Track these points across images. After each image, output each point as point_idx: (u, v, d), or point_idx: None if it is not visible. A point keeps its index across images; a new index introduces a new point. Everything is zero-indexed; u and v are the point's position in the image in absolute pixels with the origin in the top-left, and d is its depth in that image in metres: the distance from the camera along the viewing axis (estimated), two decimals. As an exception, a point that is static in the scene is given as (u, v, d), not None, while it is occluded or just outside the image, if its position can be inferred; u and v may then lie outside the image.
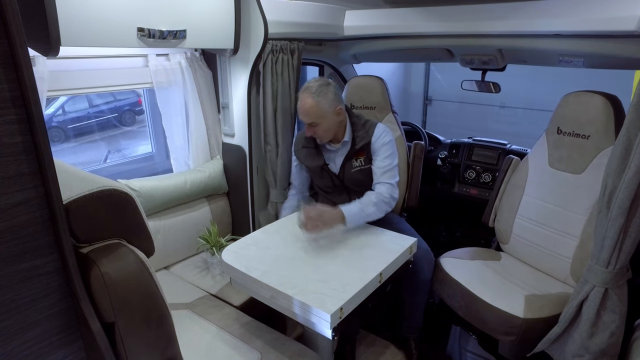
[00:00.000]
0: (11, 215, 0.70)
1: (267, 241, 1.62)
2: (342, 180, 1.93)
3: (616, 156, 1.25)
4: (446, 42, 2.09)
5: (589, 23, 1.58)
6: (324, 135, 1.85)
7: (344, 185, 1.94)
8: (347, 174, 1.91)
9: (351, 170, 1.90)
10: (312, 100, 1.76)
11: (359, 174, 1.89)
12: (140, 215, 0.93)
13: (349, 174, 1.90)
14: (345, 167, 1.91)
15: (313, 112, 1.77)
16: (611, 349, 1.38)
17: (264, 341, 1.55)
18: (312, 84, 1.80)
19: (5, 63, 0.66)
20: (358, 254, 1.53)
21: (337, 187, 1.95)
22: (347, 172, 1.91)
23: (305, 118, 1.80)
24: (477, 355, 1.98)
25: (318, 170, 1.95)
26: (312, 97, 1.77)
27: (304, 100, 1.78)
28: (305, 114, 1.79)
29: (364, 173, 1.90)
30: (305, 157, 1.97)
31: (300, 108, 1.80)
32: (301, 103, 1.79)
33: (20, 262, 0.72)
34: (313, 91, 1.77)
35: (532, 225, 1.87)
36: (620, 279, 1.34)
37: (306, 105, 1.77)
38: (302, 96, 1.80)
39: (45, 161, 0.72)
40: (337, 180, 1.93)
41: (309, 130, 1.84)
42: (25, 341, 0.75)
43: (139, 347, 0.85)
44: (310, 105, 1.76)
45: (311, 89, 1.78)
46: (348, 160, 1.90)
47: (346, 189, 1.94)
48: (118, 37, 1.48)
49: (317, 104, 1.76)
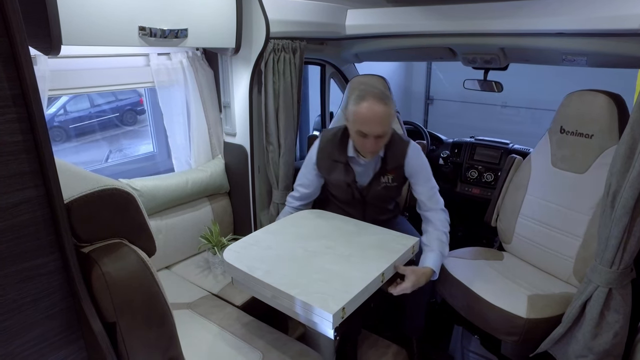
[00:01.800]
0: (12, 214, 0.70)
1: (268, 241, 1.61)
2: (364, 196, 1.82)
3: (620, 155, 1.24)
4: (448, 41, 2.08)
5: (592, 21, 1.58)
6: (381, 149, 1.64)
7: (364, 200, 1.84)
8: (373, 190, 1.79)
9: (377, 188, 1.78)
10: (384, 106, 1.50)
11: (384, 190, 1.78)
12: (142, 214, 0.92)
13: (375, 191, 1.78)
14: (372, 183, 1.78)
15: (386, 121, 1.52)
16: (615, 349, 1.37)
17: (265, 341, 1.55)
18: (372, 90, 1.54)
19: (6, 61, 0.65)
20: (360, 253, 1.52)
21: (356, 200, 1.85)
22: (374, 188, 1.78)
23: (376, 128, 1.52)
24: (480, 355, 1.97)
25: (343, 185, 1.80)
26: (383, 102, 1.51)
27: (373, 107, 1.50)
28: (378, 123, 1.52)
29: (389, 190, 1.79)
30: (332, 170, 1.79)
31: (368, 117, 1.51)
32: (369, 111, 1.51)
33: (22, 261, 0.72)
34: (381, 95, 1.52)
35: (535, 225, 1.86)
36: (624, 279, 1.33)
37: (379, 113, 1.50)
38: (367, 103, 1.52)
39: (46, 160, 0.71)
40: (358, 194, 1.81)
41: (374, 145, 1.57)
42: (26, 341, 0.75)
43: (140, 347, 0.85)
44: (384, 113, 1.50)
45: (377, 93, 1.53)
46: (377, 177, 1.76)
47: (364, 202, 1.85)
48: (119, 36, 1.48)
49: (389, 110, 1.52)
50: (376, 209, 1.82)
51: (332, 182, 1.85)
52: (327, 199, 1.99)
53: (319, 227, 1.71)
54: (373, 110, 1.51)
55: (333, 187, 1.88)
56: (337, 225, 1.73)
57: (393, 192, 1.82)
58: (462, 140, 2.63)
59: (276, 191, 2.20)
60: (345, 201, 1.89)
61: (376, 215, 1.88)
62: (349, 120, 1.62)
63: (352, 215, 1.84)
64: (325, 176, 1.85)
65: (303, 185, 1.93)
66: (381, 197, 1.82)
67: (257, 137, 2.13)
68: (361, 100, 1.54)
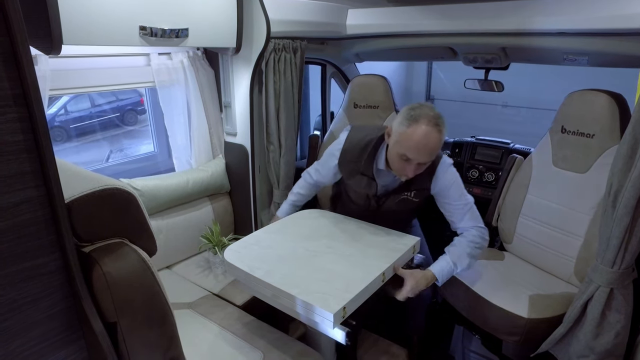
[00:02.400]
0: (13, 214, 0.69)
1: (269, 240, 1.61)
2: (380, 206, 1.73)
3: (622, 155, 1.24)
4: (449, 40, 2.08)
5: (594, 21, 1.58)
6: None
7: (378, 209, 1.75)
8: (390, 202, 1.70)
9: (395, 201, 1.68)
10: (438, 134, 1.38)
11: (402, 203, 1.68)
12: (143, 214, 0.92)
13: (391, 202, 1.70)
14: (391, 195, 1.69)
15: (437, 150, 1.42)
16: (617, 349, 1.37)
17: (266, 341, 1.55)
18: (426, 111, 1.39)
19: (7, 61, 0.65)
20: (361, 253, 1.52)
21: (369, 208, 1.77)
22: (392, 200, 1.69)
23: (424, 156, 1.41)
24: (481, 355, 1.97)
25: (363, 195, 1.72)
26: (438, 128, 1.38)
27: (429, 134, 1.36)
28: (428, 152, 1.40)
29: (408, 203, 1.68)
30: (353, 176, 1.69)
31: (421, 144, 1.38)
32: (423, 138, 1.37)
33: (22, 261, 0.72)
34: (437, 121, 1.38)
35: (536, 225, 1.86)
36: (626, 279, 1.33)
37: (432, 141, 1.38)
38: (422, 128, 1.37)
39: (47, 160, 0.71)
40: (374, 203, 1.73)
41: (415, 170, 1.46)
42: (27, 341, 0.75)
43: (141, 346, 0.85)
44: (437, 140, 1.39)
45: (432, 116, 1.38)
46: (398, 191, 1.67)
47: (378, 212, 1.76)
48: (120, 36, 1.48)
49: (442, 138, 1.40)
50: (390, 218, 1.73)
51: (351, 187, 1.77)
52: (340, 196, 1.94)
53: (320, 227, 1.71)
54: (427, 137, 1.37)
55: (350, 189, 1.80)
56: (338, 225, 1.73)
57: (411, 206, 1.70)
58: (462, 140, 2.62)
59: (277, 191, 2.20)
60: (359, 205, 1.82)
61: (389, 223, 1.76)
62: (394, 140, 1.47)
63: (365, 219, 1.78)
64: (345, 180, 1.77)
65: (309, 186, 1.91)
66: (396, 210, 1.72)
67: (257, 136, 2.12)
68: (415, 123, 1.38)
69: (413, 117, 1.39)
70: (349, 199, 1.85)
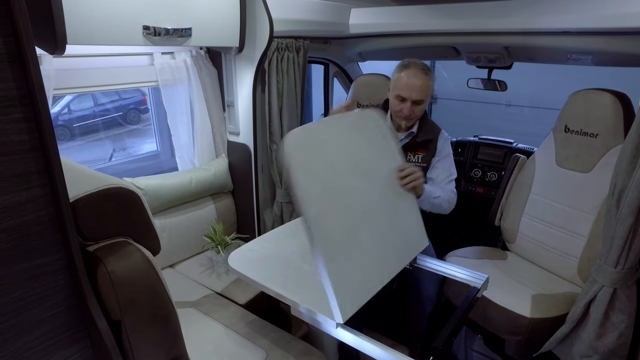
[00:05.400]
0: (18, 213, 0.70)
1: (274, 243, 1.62)
2: None
3: (626, 155, 1.23)
4: (452, 39, 2.08)
5: (598, 20, 1.57)
6: (417, 117, 1.75)
7: None
8: None
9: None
10: (425, 76, 1.66)
11: None
12: (147, 213, 0.93)
13: None
14: None
15: (425, 90, 1.67)
16: (620, 349, 1.37)
17: (269, 340, 1.55)
18: (415, 60, 1.69)
19: (13, 61, 0.66)
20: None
21: None
22: None
23: (413, 94, 1.66)
24: (483, 355, 1.97)
25: None
26: (425, 72, 1.66)
27: (414, 75, 1.65)
28: (418, 89, 1.65)
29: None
30: None
31: (410, 83, 1.65)
32: (411, 77, 1.65)
33: (28, 260, 0.72)
34: (422, 67, 1.67)
35: (539, 224, 1.86)
36: (630, 279, 1.33)
37: (420, 81, 1.65)
38: (409, 71, 1.66)
39: (52, 159, 0.72)
40: None
41: (408, 109, 1.69)
42: (32, 339, 0.75)
43: (145, 345, 0.85)
44: (424, 81, 1.66)
45: (419, 64, 1.67)
46: (405, 152, 1.80)
47: None
48: (124, 35, 1.48)
49: (429, 81, 1.67)
50: None
51: None
52: None
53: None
54: (415, 76, 1.65)
55: None
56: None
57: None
58: (465, 139, 2.62)
59: (279, 190, 2.20)
60: None
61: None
62: (391, 87, 1.75)
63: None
64: None
65: None
66: None
67: (260, 136, 2.13)
68: (405, 68, 1.68)
69: (403, 65, 1.70)
70: None
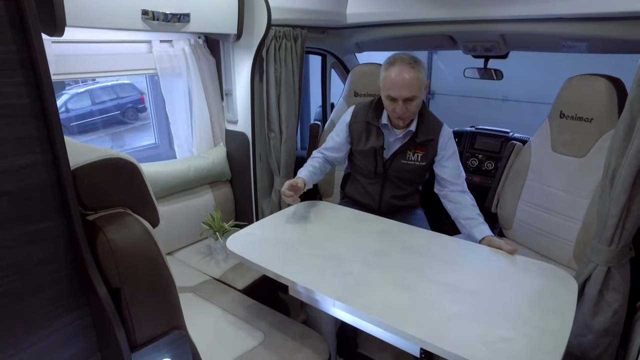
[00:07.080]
0: (20, 177, 0.71)
1: (272, 228, 1.63)
2: (386, 169, 1.80)
3: (619, 134, 1.25)
4: (449, 28, 2.09)
5: (592, 5, 1.58)
6: (412, 114, 1.67)
7: (385, 175, 1.82)
8: (397, 164, 1.78)
9: (401, 161, 1.77)
10: (412, 70, 1.57)
11: (408, 167, 1.78)
12: (146, 185, 0.94)
13: (398, 164, 1.78)
14: (397, 156, 1.77)
15: (415, 84, 1.58)
16: (614, 328, 1.38)
17: (268, 323, 1.56)
18: (401, 55, 1.60)
19: (14, 25, 0.67)
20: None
21: (377, 175, 1.83)
22: (397, 162, 1.78)
23: (403, 91, 1.58)
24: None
25: (371, 152, 1.78)
26: (411, 66, 1.57)
27: (402, 71, 1.57)
28: (406, 87, 1.57)
29: (414, 169, 1.78)
30: (363, 133, 1.78)
31: (397, 81, 1.57)
32: (397, 75, 1.57)
33: (29, 224, 0.73)
34: (409, 61, 1.58)
35: (535, 210, 1.87)
36: (623, 258, 1.34)
37: (408, 76, 1.56)
38: (396, 68, 1.58)
39: (53, 125, 0.72)
40: (381, 167, 1.80)
41: (401, 108, 1.62)
42: (34, 303, 0.76)
43: (144, 313, 0.86)
44: (412, 76, 1.56)
45: (405, 58, 1.58)
46: (403, 150, 1.76)
47: (384, 179, 1.84)
48: (122, 19, 1.49)
49: (417, 75, 1.58)
50: (396, 188, 1.80)
51: (360, 149, 1.82)
52: (350, 175, 1.99)
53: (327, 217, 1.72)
54: (401, 74, 1.57)
55: (360, 155, 1.84)
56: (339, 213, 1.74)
57: (417, 172, 1.79)
58: (462, 129, 2.63)
59: (277, 178, 2.22)
60: (366, 175, 1.87)
61: (394, 197, 1.85)
62: (380, 87, 1.69)
63: (371, 194, 1.86)
64: (355, 141, 1.83)
65: (329, 150, 1.90)
66: (402, 175, 1.80)
67: (258, 124, 2.14)
68: (390, 66, 1.62)
69: (389, 62, 1.63)
70: (357, 172, 1.91)
